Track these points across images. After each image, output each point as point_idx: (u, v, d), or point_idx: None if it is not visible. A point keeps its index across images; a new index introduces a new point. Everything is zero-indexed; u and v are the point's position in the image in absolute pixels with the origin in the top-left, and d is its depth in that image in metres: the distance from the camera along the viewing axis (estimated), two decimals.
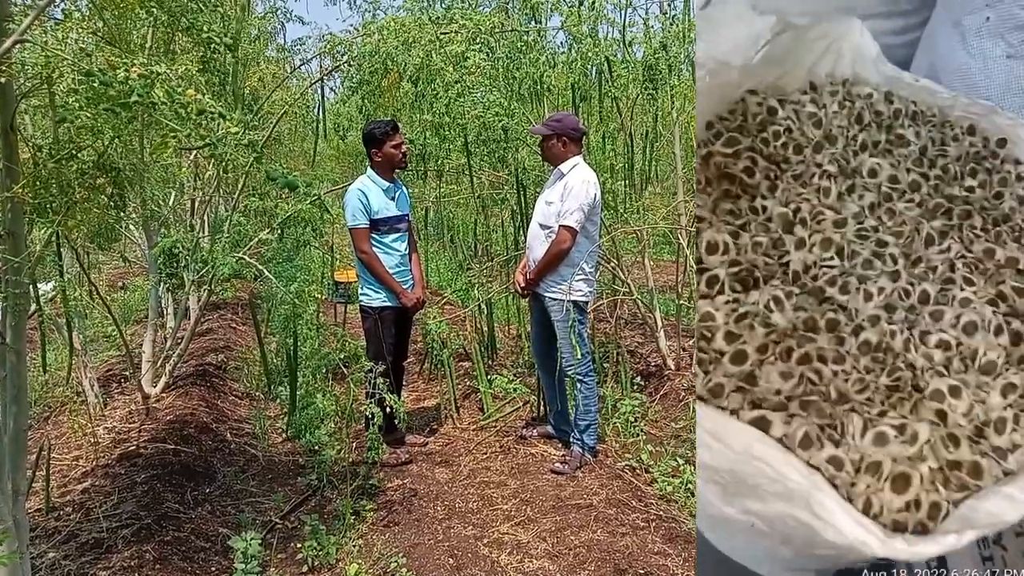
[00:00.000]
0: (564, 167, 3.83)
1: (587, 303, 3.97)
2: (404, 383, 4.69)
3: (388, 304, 3.99)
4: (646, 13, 6.79)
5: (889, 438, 1.58)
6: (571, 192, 3.72)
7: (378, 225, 3.92)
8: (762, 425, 1.59)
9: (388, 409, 3.39)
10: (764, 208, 1.96)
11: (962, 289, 1.88)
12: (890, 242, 1.95)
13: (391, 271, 3.97)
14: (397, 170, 4.07)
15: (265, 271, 3.57)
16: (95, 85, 1.64)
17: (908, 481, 1.53)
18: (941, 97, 2.20)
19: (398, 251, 4.03)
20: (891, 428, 1.59)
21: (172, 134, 1.73)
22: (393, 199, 3.99)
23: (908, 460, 1.57)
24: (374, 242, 3.94)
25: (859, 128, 2.19)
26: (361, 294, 4.07)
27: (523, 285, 4.01)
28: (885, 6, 2.47)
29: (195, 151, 4.31)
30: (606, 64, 5.16)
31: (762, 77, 2.14)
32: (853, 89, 2.26)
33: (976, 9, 2.25)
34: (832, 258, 1.90)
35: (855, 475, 1.54)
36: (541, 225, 3.90)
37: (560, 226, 3.74)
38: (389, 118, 4.23)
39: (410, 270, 4.13)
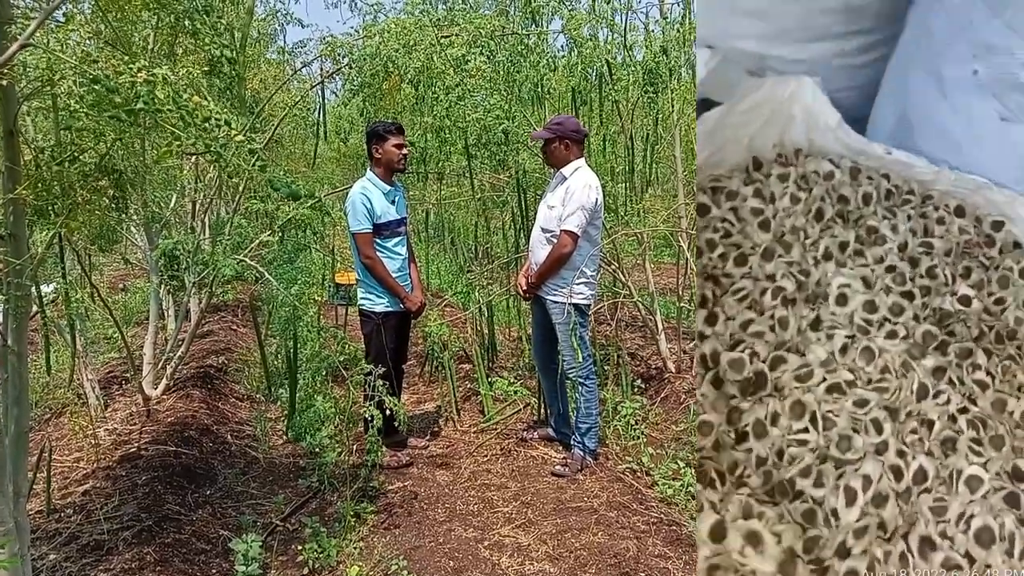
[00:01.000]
0: (566, 170, 3.84)
1: (588, 306, 3.97)
2: (405, 386, 4.69)
3: (390, 309, 3.98)
4: (646, 17, 6.80)
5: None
6: (573, 196, 3.73)
7: (380, 230, 3.92)
8: None
9: (388, 412, 3.39)
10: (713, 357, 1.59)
11: (968, 461, 1.51)
12: (872, 401, 1.56)
13: (394, 275, 3.96)
14: (396, 173, 4.07)
15: (266, 273, 3.58)
16: (99, 90, 1.64)
17: None
18: (919, 171, 1.85)
19: (400, 255, 4.03)
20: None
21: (176, 140, 1.73)
22: (393, 203, 3.99)
23: None
24: (377, 247, 3.93)
25: (820, 228, 1.77)
26: (362, 298, 4.05)
27: (525, 288, 4.02)
28: (845, 25, 2.11)
29: (197, 155, 4.32)
30: (606, 67, 5.17)
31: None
32: (808, 166, 1.85)
33: (961, 60, 1.88)
34: (805, 430, 1.53)
35: None
36: (543, 229, 3.91)
37: (562, 230, 3.74)
38: (385, 120, 4.23)
39: (409, 274, 4.13)
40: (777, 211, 1.75)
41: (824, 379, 1.57)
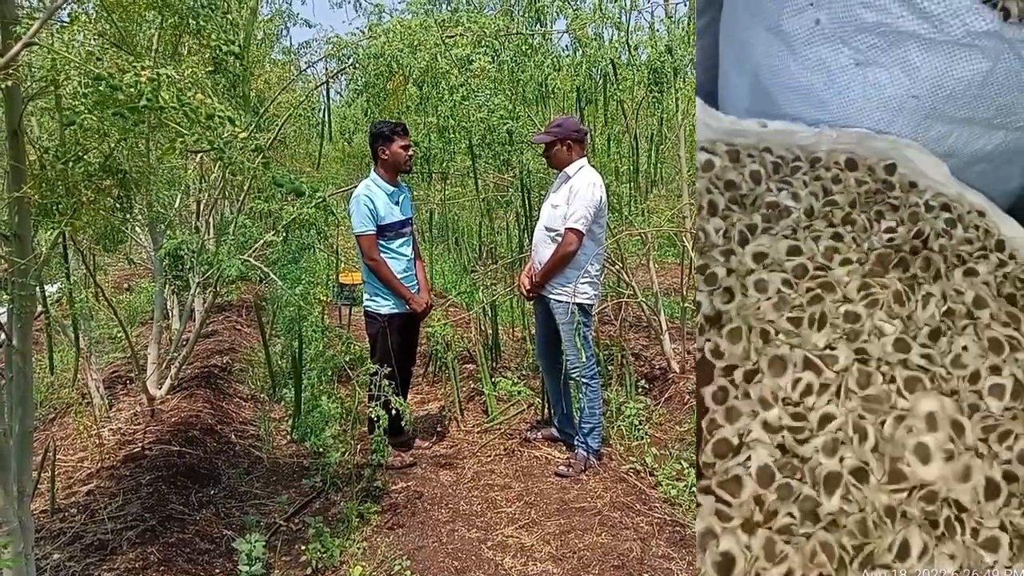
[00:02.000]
0: (570, 169, 3.83)
1: (592, 305, 3.97)
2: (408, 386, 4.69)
3: (396, 311, 3.98)
4: (651, 16, 6.79)
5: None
6: (577, 195, 3.72)
7: (384, 231, 3.91)
8: None
9: (394, 412, 3.39)
10: None
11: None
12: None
13: (399, 276, 3.96)
14: (401, 174, 4.06)
15: (270, 273, 3.58)
16: (103, 89, 1.64)
17: None
18: (801, 137, 1.78)
19: (405, 256, 4.02)
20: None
21: (180, 138, 1.73)
22: (397, 203, 3.98)
23: None
24: (381, 248, 3.92)
25: (720, 219, 1.73)
26: (368, 300, 4.05)
27: (528, 288, 4.01)
28: None
29: (201, 153, 4.33)
30: (611, 67, 5.16)
31: None
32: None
33: (798, 10, 1.79)
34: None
35: None
36: (547, 228, 3.90)
37: (567, 229, 3.74)
38: (391, 120, 4.23)
39: (416, 275, 4.13)
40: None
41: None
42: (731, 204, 1.73)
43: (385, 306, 3.96)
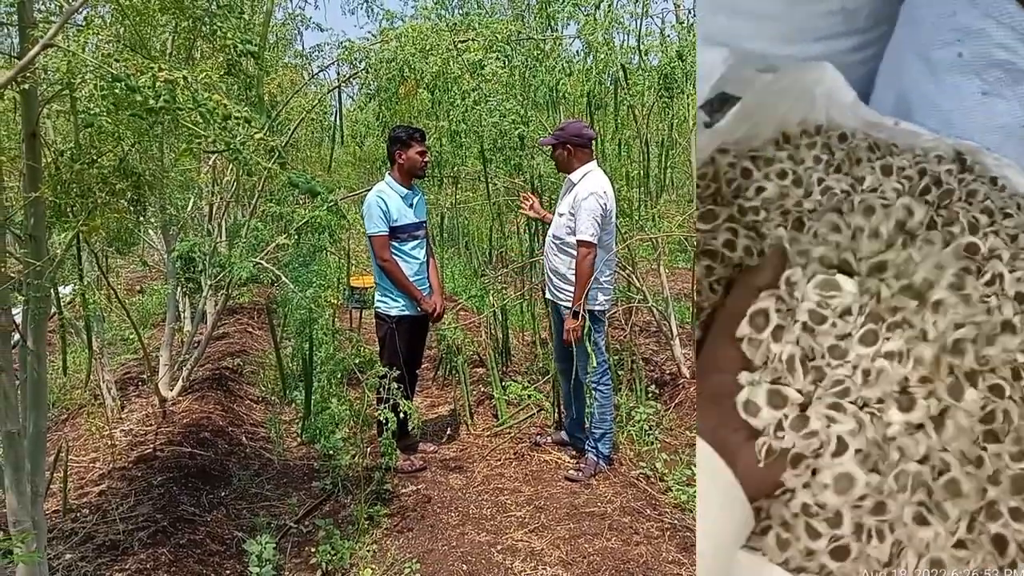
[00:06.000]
0: (574, 176, 3.82)
1: (604, 312, 3.96)
2: (418, 389, 4.69)
3: (406, 312, 3.99)
4: (662, 22, 6.79)
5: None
6: (580, 206, 3.68)
7: (397, 233, 3.92)
8: None
9: (402, 415, 3.40)
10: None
11: None
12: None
13: (410, 279, 3.97)
14: (415, 179, 4.08)
15: (282, 276, 3.59)
16: (119, 91, 1.66)
17: None
18: (924, 139, 2.04)
19: (417, 259, 4.03)
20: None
21: (197, 139, 1.75)
22: (411, 206, 4.00)
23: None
24: (393, 250, 3.93)
25: (840, 176, 1.95)
26: (378, 301, 4.06)
27: (568, 332, 3.85)
28: (844, 26, 2.41)
29: (214, 156, 4.35)
30: (622, 72, 5.16)
31: (730, 133, 1.97)
32: (829, 137, 2.06)
33: (946, 44, 2.17)
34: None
35: None
36: (554, 236, 3.90)
37: (577, 242, 3.70)
38: (408, 125, 4.24)
39: (428, 277, 4.14)
40: (804, 169, 1.97)
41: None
42: (854, 163, 2.01)
43: (395, 307, 3.97)
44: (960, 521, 1.48)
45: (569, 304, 3.84)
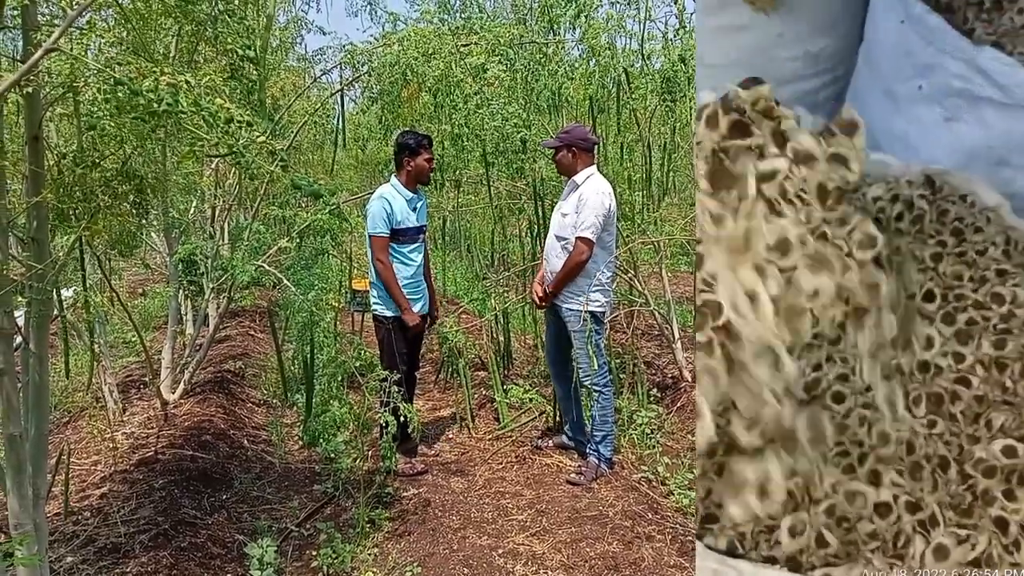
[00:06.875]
0: (578, 178, 3.85)
1: (604, 313, 3.96)
2: (419, 392, 4.69)
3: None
4: (665, 26, 6.79)
5: (949, 550, 1.56)
6: (586, 203, 3.73)
7: (398, 235, 3.93)
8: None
9: (403, 418, 3.40)
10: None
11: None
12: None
13: (406, 281, 3.97)
14: (420, 184, 4.09)
15: (284, 279, 3.60)
16: (122, 95, 1.66)
17: None
18: (894, 168, 2.20)
19: (415, 262, 4.04)
20: (951, 539, 1.57)
21: (199, 142, 1.75)
22: (415, 210, 4.00)
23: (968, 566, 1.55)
24: (393, 251, 3.94)
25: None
26: (374, 303, 4.07)
27: (540, 297, 4.01)
28: (809, 69, 2.61)
29: (217, 159, 4.36)
30: (624, 76, 5.17)
31: None
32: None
33: (907, 79, 2.36)
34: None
35: None
36: (557, 237, 3.91)
37: (577, 238, 3.74)
38: (414, 130, 4.25)
39: (423, 282, 4.14)
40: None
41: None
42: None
43: (390, 309, 3.97)
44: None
45: (569, 306, 3.85)
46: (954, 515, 1.62)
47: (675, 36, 5.19)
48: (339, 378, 4.86)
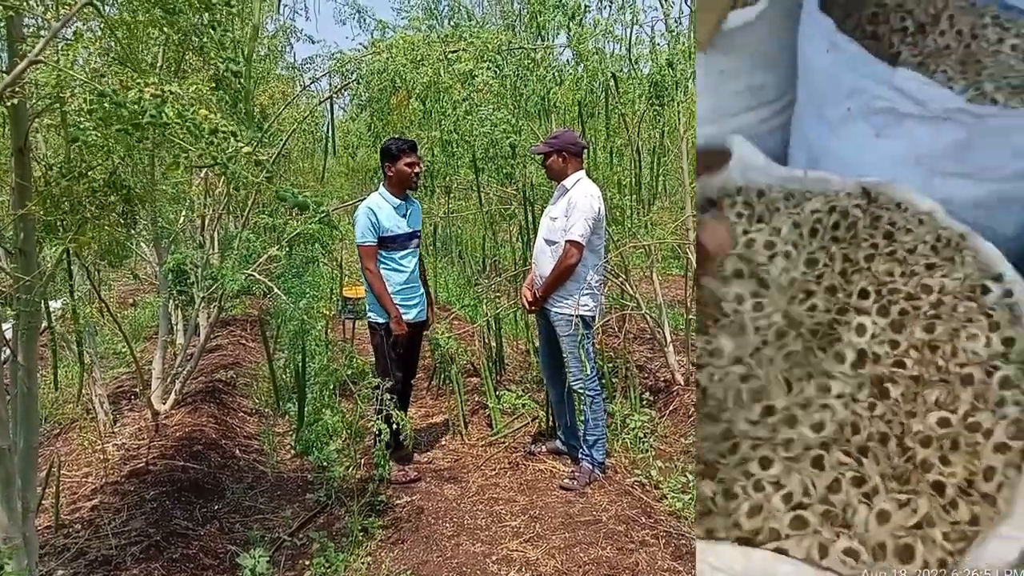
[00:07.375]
0: (567, 182, 3.86)
1: (593, 317, 3.97)
2: (412, 399, 4.68)
3: None
4: (652, 31, 6.82)
5: (891, 514, 1.66)
6: (575, 207, 3.74)
7: (387, 243, 3.93)
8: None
9: (395, 426, 3.39)
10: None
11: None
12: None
13: (398, 287, 3.96)
14: (409, 189, 4.08)
15: (274, 287, 3.59)
16: (107, 106, 1.66)
17: (912, 552, 1.62)
18: (833, 183, 2.40)
19: (407, 268, 4.03)
20: (892, 504, 1.68)
21: (184, 153, 1.75)
22: (404, 216, 4.00)
23: (910, 531, 1.66)
24: (383, 259, 3.94)
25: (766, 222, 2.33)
26: (369, 310, 4.07)
27: (530, 300, 4.02)
28: (753, 100, 2.83)
29: (205, 169, 4.35)
30: (612, 80, 5.18)
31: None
32: (750, 192, 2.41)
33: (837, 102, 2.58)
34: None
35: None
36: (546, 240, 3.92)
37: (566, 241, 3.75)
38: (400, 136, 4.25)
39: (419, 287, 4.14)
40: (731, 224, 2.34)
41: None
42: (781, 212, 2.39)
43: (384, 316, 3.96)
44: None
45: (558, 309, 3.86)
46: (896, 484, 1.73)
47: (662, 40, 5.22)
48: (331, 386, 4.86)
